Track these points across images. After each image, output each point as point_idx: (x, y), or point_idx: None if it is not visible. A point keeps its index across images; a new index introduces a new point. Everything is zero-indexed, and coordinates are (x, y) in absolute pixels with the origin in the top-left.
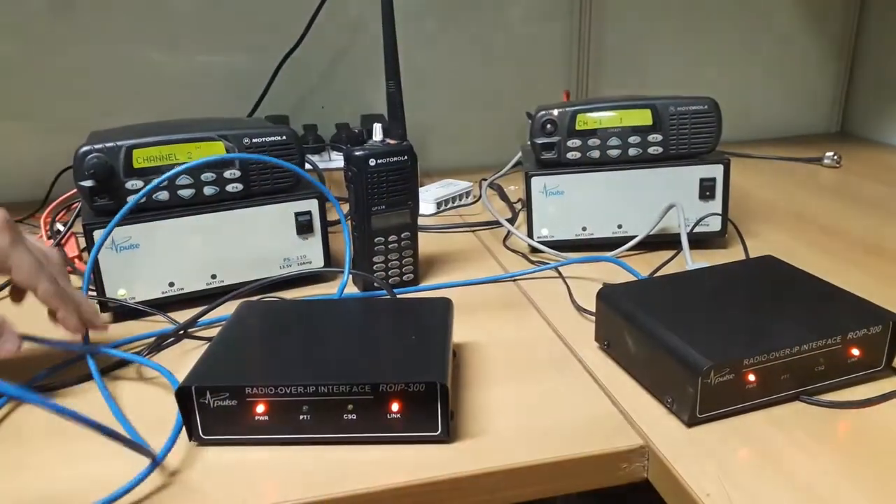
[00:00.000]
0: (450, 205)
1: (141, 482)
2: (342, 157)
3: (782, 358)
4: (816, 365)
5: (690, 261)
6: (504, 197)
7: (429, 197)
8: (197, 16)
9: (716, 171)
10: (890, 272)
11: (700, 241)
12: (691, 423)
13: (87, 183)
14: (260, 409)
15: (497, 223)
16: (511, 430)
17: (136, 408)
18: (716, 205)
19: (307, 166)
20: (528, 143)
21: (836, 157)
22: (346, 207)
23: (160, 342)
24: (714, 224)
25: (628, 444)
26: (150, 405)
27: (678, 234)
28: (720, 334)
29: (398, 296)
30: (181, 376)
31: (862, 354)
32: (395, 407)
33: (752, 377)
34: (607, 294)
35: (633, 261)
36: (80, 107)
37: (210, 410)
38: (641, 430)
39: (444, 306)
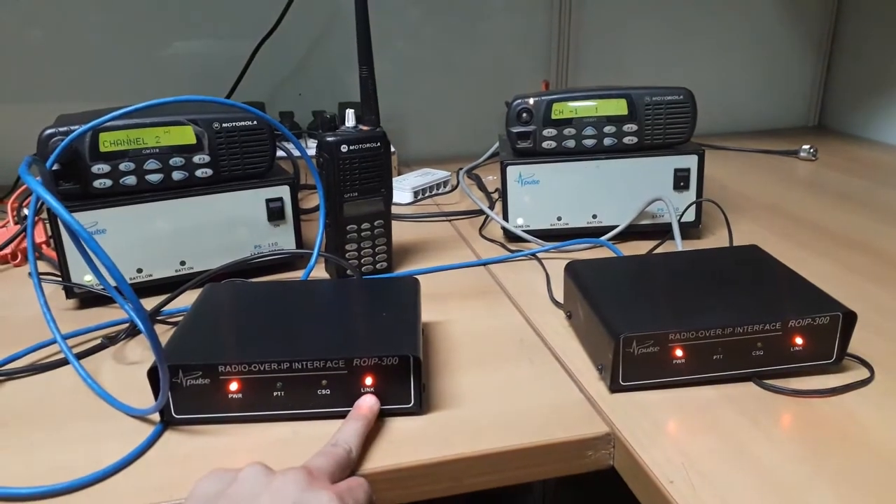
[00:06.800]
0: (427, 194)
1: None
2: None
3: (712, 337)
4: (754, 349)
5: (681, 248)
6: (482, 186)
7: (406, 186)
8: (172, 1)
9: (690, 161)
10: (861, 264)
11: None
12: (613, 389)
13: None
14: (233, 386)
15: (474, 213)
16: (477, 417)
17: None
18: (690, 195)
19: (281, 153)
20: (505, 132)
21: (812, 151)
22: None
23: (133, 328)
24: (688, 214)
25: (594, 431)
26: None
27: (653, 224)
28: (656, 309)
29: None
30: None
31: (807, 344)
32: (368, 381)
33: (679, 352)
34: (574, 267)
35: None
36: (52, 91)
37: (183, 389)
38: (608, 417)
39: (412, 285)
